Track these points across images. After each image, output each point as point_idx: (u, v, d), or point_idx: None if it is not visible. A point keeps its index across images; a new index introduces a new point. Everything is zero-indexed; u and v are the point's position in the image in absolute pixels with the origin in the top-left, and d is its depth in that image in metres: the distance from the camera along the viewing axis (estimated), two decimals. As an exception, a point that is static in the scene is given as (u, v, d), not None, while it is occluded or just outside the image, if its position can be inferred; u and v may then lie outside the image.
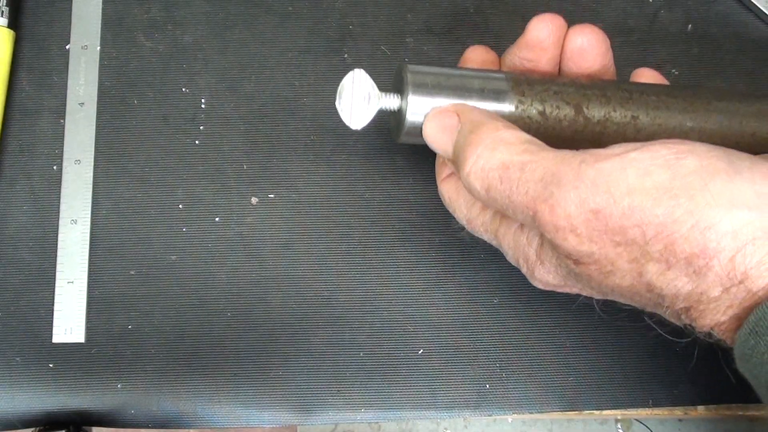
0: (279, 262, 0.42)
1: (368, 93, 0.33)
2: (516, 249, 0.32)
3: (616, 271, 0.28)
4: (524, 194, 0.28)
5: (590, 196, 0.27)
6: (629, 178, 0.26)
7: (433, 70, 0.34)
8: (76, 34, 0.45)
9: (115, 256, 0.42)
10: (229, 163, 0.43)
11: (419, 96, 0.33)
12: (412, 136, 0.34)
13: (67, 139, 0.43)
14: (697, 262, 0.26)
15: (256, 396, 0.41)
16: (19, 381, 0.40)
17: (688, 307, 0.27)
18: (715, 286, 0.26)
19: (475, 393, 0.41)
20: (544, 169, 0.28)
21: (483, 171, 0.29)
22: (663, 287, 0.27)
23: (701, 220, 0.25)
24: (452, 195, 0.35)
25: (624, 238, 0.27)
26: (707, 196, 0.25)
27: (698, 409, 0.42)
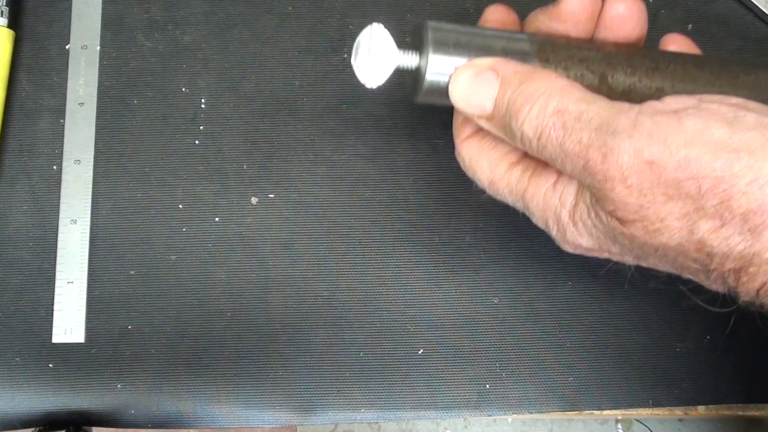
0: (279, 262, 0.42)
1: (386, 49, 0.32)
2: (546, 210, 0.31)
3: (664, 229, 0.27)
4: (577, 142, 0.28)
5: (645, 146, 0.26)
6: (687, 131, 0.26)
7: (455, 27, 0.32)
8: (76, 34, 0.45)
9: (115, 256, 0.42)
10: (229, 163, 0.43)
11: (440, 54, 0.31)
12: (430, 96, 0.32)
13: (67, 139, 0.43)
14: (754, 219, 0.25)
15: (256, 396, 0.41)
16: (19, 381, 0.40)
17: (738, 268, 0.26)
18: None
19: (475, 393, 0.41)
20: (600, 118, 0.27)
21: (538, 118, 0.29)
22: (714, 245, 0.26)
23: (761, 175, 0.25)
24: (474, 155, 0.34)
25: (677, 191, 0.26)
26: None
27: (698, 409, 0.42)
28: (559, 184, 0.31)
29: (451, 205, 0.43)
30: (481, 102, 0.31)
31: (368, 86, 0.32)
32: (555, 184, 0.31)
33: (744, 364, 0.42)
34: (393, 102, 0.45)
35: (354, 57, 0.32)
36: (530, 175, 0.32)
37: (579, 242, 0.31)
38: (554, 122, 0.28)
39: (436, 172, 0.44)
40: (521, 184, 0.32)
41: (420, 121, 0.44)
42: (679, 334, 0.42)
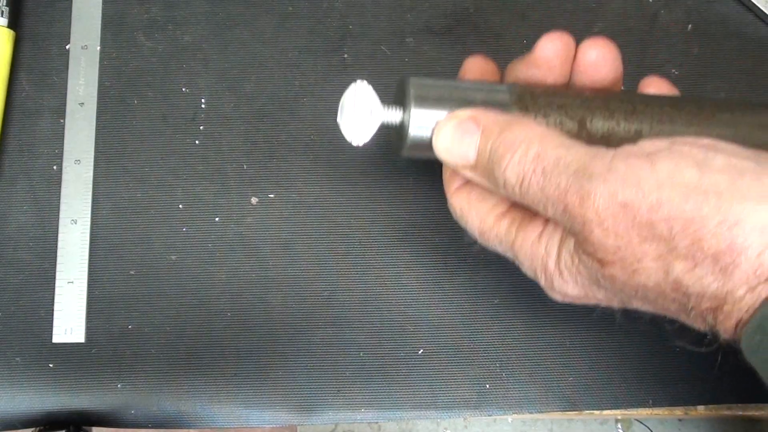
0: (279, 262, 0.42)
1: (370, 107, 0.33)
2: (533, 260, 0.32)
3: (642, 270, 0.28)
4: (556, 187, 0.29)
5: (620, 189, 0.27)
6: (659, 173, 0.27)
7: (436, 82, 0.33)
8: (76, 34, 0.45)
9: (115, 256, 0.42)
10: (229, 163, 0.43)
11: (422, 109, 0.32)
12: (415, 150, 0.33)
13: (67, 139, 0.43)
14: (724, 259, 0.26)
15: (256, 396, 0.41)
16: (19, 381, 0.40)
17: (714, 307, 0.27)
18: (741, 284, 0.26)
19: (475, 393, 0.41)
20: (577, 163, 0.28)
21: (519, 164, 0.30)
22: (690, 285, 0.27)
23: (729, 216, 0.25)
24: (464, 206, 0.35)
25: (651, 232, 0.27)
26: (735, 192, 0.26)
27: (698, 409, 0.42)
28: (545, 235, 0.32)
29: (451, 205, 0.43)
30: (464, 152, 0.32)
31: (355, 144, 0.33)
32: (540, 235, 0.32)
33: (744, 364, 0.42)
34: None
35: (340, 115, 0.33)
36: (517, 226, 0.33)
37: (566, 290, 0.32)
38: (534, 168, 0.29)
39: (437, 172, 0.44)
40: (509, 235, 0.33)
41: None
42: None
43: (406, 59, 0.45)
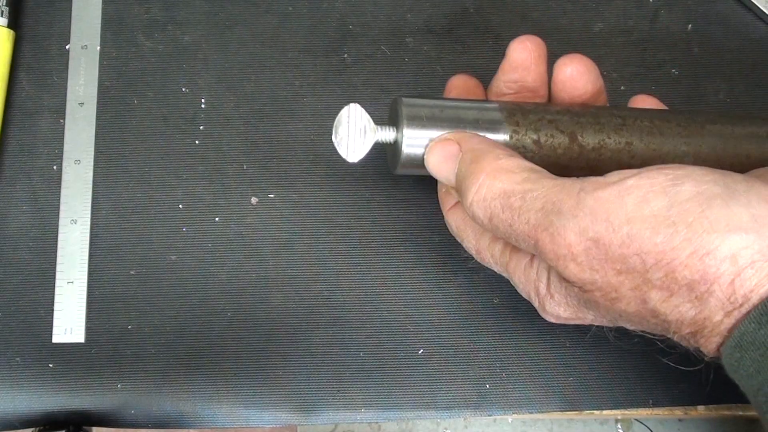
0: (279, 262, 0.42)
1: (364, 126, 0.34)
2: (526, 283, 0.33)
3: (621, 298, 0.28)
4: (525, 223, 0.29)
5: (590, 224, 0.27)
6: (627, 206, 0.27)
7: (428, 102, 0.34)
8: (76, 34, 0.45)
9: (115, 256, 0.42)
10: (229, 163, 0.43)
11: (414, 129, 0.33)
12: (408, 167, 0.34)
13: (67, 139, 0.43)
14: (699, 288, 0.26)
15: (256, 396, 0.41)
16: (19, 381, 0.40)
17: (694, 331, 0.27)
18: (717, 310, 0.26)
19: (475, 393, 0.41)
20: (545, 198, 0.28)
21: (485, 200, 0.30)
22: (667, 313, 0.27)
23: (699, 246, 0.25)
24: (459, 225, 0.36)
25: (625, 266, 0.27)
26: (704, 222, 0.26)
27: (698, 409, 0.42)
28: (535, 259, 0.32)
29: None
30: (447, 174, 0.33)
31: (350, 161, 0.34)
32: (531, 259, 0.32)
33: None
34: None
35: (334, 135, 0.33)
36: (510, 249, 0.33)
37: (558, 312, 0.32)
38: (501, 204, 0.29)
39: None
40: (504, 258, 0.34)
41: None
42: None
43: (406, 59, 0.45)
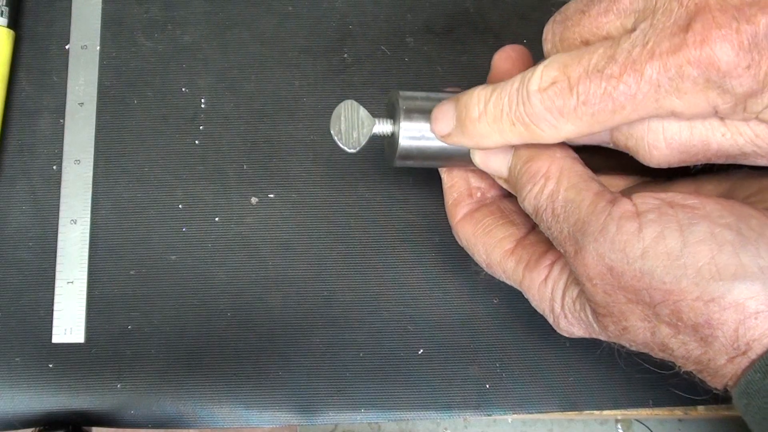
0: (279, 262, 0.42)
1: (361, 119, 0.34)
2: (541, 301, 0.33)
3: (631, 328, 0.29)
4: (560, 232, 0.29)
5: (607, 252, 0.28)
6: (645, 240, 0.27)
7: (424, 95, 0.34)
8: (75, 34, 0.45)
9: (115, 256, 0.42)
10: (229, 163, 0.43)
11: (411, 121, 0.33)
12: (406, 159, 0.34)
13: (67, 139, 0.43)
14: (703, 331, 0.27)
15: (256, 396, 0.41)
16: (19, 381, 0.40)
17: (699, 369, 0.28)
18: (721, 354, 0.27)
19: (475, 393, 0.41)
20: (578, 215, 0.29)
21: (536, 198, 0.30)
22: (674, 348, 0.28)
23: (705, 292, 0.26)
24: (470, 238, 0.36)
25: (636, 297, 0.28)
26: (712, 269, 0.26)
27: (698, 409, 0.42)
28: (550, 279, 0.33)
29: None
30: (497, 168, 0.33)
31: (347, 152, 0.34)
32: (546, 279, 0.33)
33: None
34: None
35: (332, 127, 0.34)
36: (524, 267, 0.34)
37: (571, 330, 0.33)
38: (547, 206, 0.30)
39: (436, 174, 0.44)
40: (517, 274, 0.34)
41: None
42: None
43: (406, 59, 0.45)
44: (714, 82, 0.25)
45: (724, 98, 0.25)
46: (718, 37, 0.24)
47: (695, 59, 0.24)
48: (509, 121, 0.29)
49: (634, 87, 0.26)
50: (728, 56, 0.24)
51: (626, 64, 0.26)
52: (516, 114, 0.29)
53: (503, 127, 0.30)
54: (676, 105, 0.26)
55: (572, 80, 0.27)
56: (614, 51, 0.26)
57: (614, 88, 0.26)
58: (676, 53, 0.25)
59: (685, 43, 0.24)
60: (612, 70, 0.26)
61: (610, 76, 0.26)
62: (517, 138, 0.30)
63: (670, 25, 0.25)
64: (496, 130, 0.30)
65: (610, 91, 0.26)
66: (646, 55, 0.25)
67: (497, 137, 0.30)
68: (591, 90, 0.27)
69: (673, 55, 0.25)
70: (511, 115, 0.29)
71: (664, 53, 0.25)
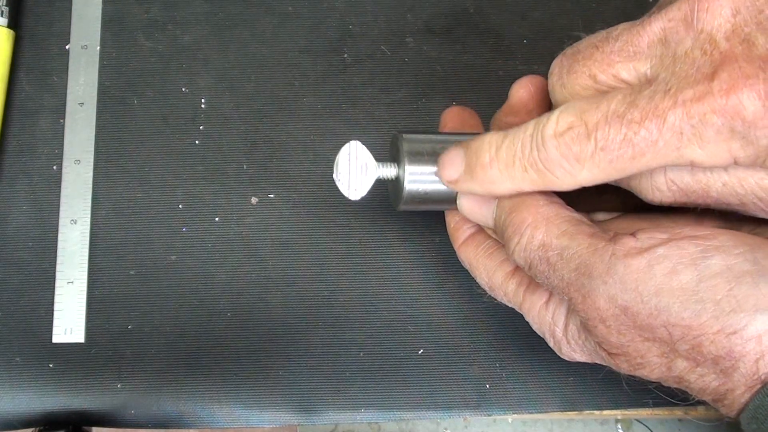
0: (279, 262, 0.42)
1: (365, 163, 0.34)
2: (542, 325, 0.33)
3: (646, 364, 0.29)
4: (560, 279, 0.29)
5: (619, 293, 0.27)
6: (657, 277, 0.27)
7: (428, 137, 0.34)
8: (76, 34, 0.45)
9: (115, 256, 0.42)
10: (229, 163, 0.43)
11: (416, 165, 0.33)
12: (411, 203, 0.34)
13: (67, 139, 0.43)
14: (724, 363, 0.26)
15: (256, 396, 0.41)
16: (19, 381, 0.40)
17: (715, 399, 0.28)
18: (740, 385, 0.27)
19: (475, 393, 0.41)
20: (579, 259, 0.28)
21: (525, 251, 0.30)
22: (691, 381, 0.28)
23: (727, 325, 0.26)
24: (471, 261, 0.36)
25: (652, 335, 0.27)
26: (732, 301, 0.26)
27: (698, 409, 0.42)
28: (551, 303, 0.32)
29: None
30: (483, 218, 0.33)
31: (351, 199, 0.34)
32: (547, 303, 0.33)
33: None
34: (393, 102, 0.45)
35: (335, 172, 0.33)
36: (524, 290, 0.34)
37: (573, 356, 0.32)
38: (539, 256, 0.30)
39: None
40: (517, 297, 0.34)
41: (420, 121, 0.44)
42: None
43: (406, 59, 0.45)
44: (738, 133, 0.24)
45: (747, 150, 0.25)
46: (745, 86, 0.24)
47: (720, 108, 0.24)
48: (521, 167, 0.29)
49: (656, 133, 0.25)
50: (755, 106, 0.24)
51: (648, 109, 0.25)
52: (529, 160, 0.29)
53: (515, 173, 0.29)
54: (697, 154, 0.25)
55: (590, 126, 0.27)
56: (635, 97, 0.26)
57: (635, 134, 0.26)
58: (701, 101, 0.24)
59: (710, 92, 0.24)
60: (633, 115, 0.26)
61: (631, 121, 0.26)
62: (529, 184, 0.29)
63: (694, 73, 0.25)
64: (508, 177, 0.30)
65: (630, 137, 0.26)
66: (668, 102, 0.25)
67: (508, 184, 0.30)
68: (610, 136, 0.26)
69: (698, 103, 0.24)
70: (524, 161, 0.29)
71: (688, 101, 0.25)
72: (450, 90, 0.45)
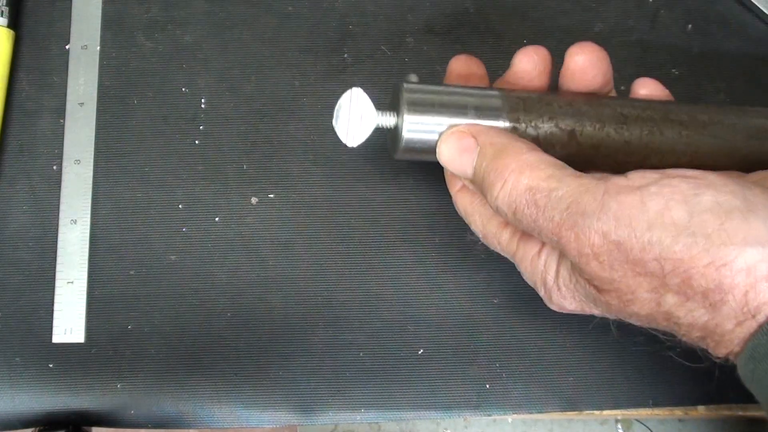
0: (279, 262, 0.42)
1: (365, 111, 0.34)
2: (533, 273, 0.33)
3: (636, 300, 0.29)
4: (550, 220, 0.29)
5: (612, 228, 0.28)
6: (649, 213, 0.27)
7: (429, 87, 0.34)
8: (76, 34, 0.45)
9: (115, 256, 0.42)
10: (229, 163, 0.43)
11: (415, 114, 0.33)
12: (408, 153, 0.34)
13: (67, 139, 0.43)
14: (713, 297, 0.27)
15: (256, 396, 0.41)
16: (19, 381, 0.40)
17: (703, 336, 0.28)
18: (729, 319, 0.27)
19: (475, 393, 0.41)
20: (570, 198, 0.29)
21: (510, 196, 0.30)
22: (680, 316, 0.28)
23: (717, 258, 0.26)
24: (467, 208, 0.36)
25: (644, 269, 0.28)
26: (722, 235, 0.26)
27: (698, 409, 0.42)
28: (543, 251, 0.33)
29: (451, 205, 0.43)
30: (463, 167, 0.33)
31: (349, 145, 0.34)
32: (540, 251, 0.33)
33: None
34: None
35: (335, 119, 0.34)
36: (518, 239, 0.34)
37: (563, 304, 0.33)
38: (527, 200, 0.30)
39: (436, 173, 0.44)
40: (511, 246, 0.34)
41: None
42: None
43: (406, 59, 0.45)
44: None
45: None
46: None
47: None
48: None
49: None
50: None
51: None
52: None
53: None
54: None
55: None
56: None
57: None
58: None
59: None
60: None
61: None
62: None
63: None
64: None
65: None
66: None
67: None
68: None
69: None
70: None
71: None
72: (450, 90, 0.45)
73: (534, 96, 0.35)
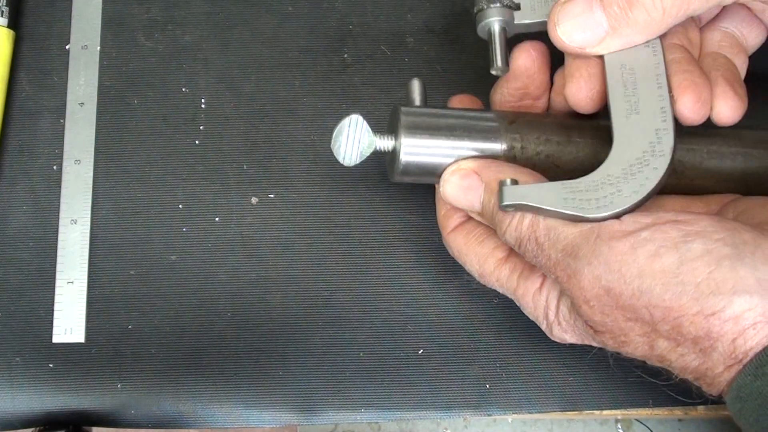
0: (279, 262, 0.42)
1: (363, 135, 0.34)
2: (536, 309, 0.34)
3: (630, 342, 0.30)
4: (548, 258, 0.30)
5: (603, 273, 0.28)
6: (639, 260, 0.28)
7: (426, 111, 0.35)
8: (76, 34, 0.45)
9: (115, 256, 0.42)
10: (229, 163, 0.43)
11: (413, 137, 0.34)
12: (406, 175, 0.35)
13: (67, 139, 0.43)
14: (703, 343, 0.27)
15: (256, 396, 0.41)
16: (19, 381, 0.40)
17: (696, 378, 0.29)
18: (719, 364, 0.28)
19: (475, 393, 0.41)
20: (566, 240, 0.30)
21: (516, 230, 0.31)
22: (672, 360, 0.29)
23: (706, 307, 0.27)
24: (461, 248, 0.36)
25: (635, 315, 0.28)
26: (711, 284, 0.27)
27: (698, 409, 0.42)
28: (544, 288, 0.34)
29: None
30: (470, 204, 0.34)
31: (346, 165, 0.35)
32: (541, 287, 0.34)
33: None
34: (393, 102, 0.45)
35: (333, 142, 0.34)
36: (518, 276, 0.35)
37: (564, 337, 0.34)
38: (529, 236, 0.31)
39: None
40: (511, 283, 0.35)
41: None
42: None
43: (406, 59, 0.45)
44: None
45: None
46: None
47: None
48: None
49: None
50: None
51: None
52: None
53: None
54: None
55: None
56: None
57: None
58: None
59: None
60: None
61: None
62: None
63: None
64: None
65: None
66: None
67: None
68: None
69: None
70: None
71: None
72: (450, 90, 0.45)
73: (529, 115, 0.36)
